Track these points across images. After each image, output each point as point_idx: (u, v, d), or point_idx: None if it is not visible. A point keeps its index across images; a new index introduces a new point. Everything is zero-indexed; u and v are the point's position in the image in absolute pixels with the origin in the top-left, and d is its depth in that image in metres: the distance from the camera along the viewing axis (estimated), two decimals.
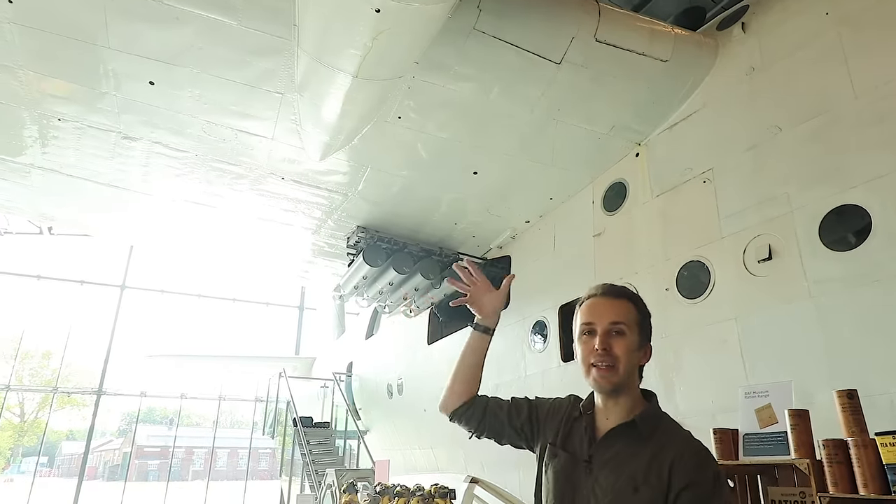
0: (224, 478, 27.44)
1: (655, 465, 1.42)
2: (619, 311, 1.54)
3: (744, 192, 4.24)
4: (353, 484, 5.19)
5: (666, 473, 1.40)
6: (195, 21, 4.09)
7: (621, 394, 1.53)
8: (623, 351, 1.50)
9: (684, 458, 1.41)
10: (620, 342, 1.51)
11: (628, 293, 1.60)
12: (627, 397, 1.53)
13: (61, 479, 30.46)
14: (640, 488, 1.40)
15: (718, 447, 2.54)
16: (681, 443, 1.46)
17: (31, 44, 4.29)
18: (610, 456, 1.49)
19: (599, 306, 1.56)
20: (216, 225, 7.25)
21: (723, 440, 2.54)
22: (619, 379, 1.50)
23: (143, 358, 16.09)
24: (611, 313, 1.54)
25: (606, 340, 1.51)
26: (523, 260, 6.82)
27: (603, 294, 1.58)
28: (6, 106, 4.95)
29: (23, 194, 6.58)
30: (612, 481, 1.44)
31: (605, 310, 1.55)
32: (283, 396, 11.87)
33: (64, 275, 16.30)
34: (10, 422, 28.42)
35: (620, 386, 1.51)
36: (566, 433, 1.62)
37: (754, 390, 2.53)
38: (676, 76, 4.77)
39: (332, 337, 15.52)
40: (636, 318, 1.55)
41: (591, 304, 1.58)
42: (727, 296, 4.19)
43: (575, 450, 1.56)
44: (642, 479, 1.41)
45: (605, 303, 1.56)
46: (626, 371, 1.50)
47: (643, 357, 1.56)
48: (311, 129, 5.06)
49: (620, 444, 1.49)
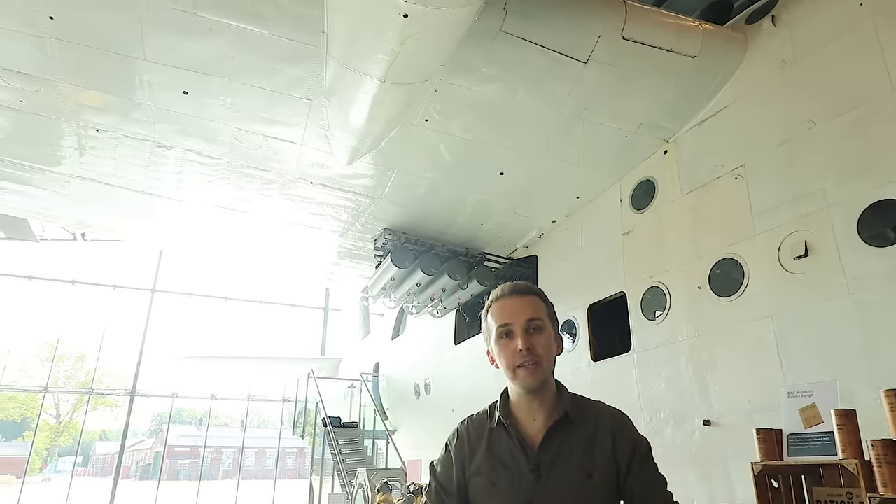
0: (252, 477, 27.88)
1: (598, 446, 1.46)
2: (536, 308, 1.52)
3: (777, 188, 4.18)
4: (386, 483, 5.24)
5: (610, 449, 1.46)
6: (228, 32, 4.18)
7: (545, 390, 1.51)
8: (544, 346, 1.49)
9: (617, 428, 1.50)
10: (541, 338, 1.49)
11: (534, 289, 1.58)
12: (548, 392, 1.52)
13: (96, 479, 31.25)
14: (593, 472, 1.43)
15: (762, 447, 2.52)
16: (607, 417, 1.53)
17: (71, 57, 4.43)
18: (554, 454, 1.46)
19: (513, 306, 1.53)
20: (245, 229, 7.38)
21: (766, 440, 2.52)
22: (545, 375, 1.49)
23: (174, 360, 16.43)
24: (526, 311, 1.51)
25: (528, 339, 1.48)
26: (550, 259, 6.81)
27: (512, 293, 1.55)
28: (47, 118, 5.12)
29: (62, 203, 6.78)
30: (565, 476, 1.44)
31: (519, 308, 1.52)
32: (311, 397, 12.02)
33: (97, 280, 16.73)
34: (46, 423, 29.24)
35: (545, 381, 1.50)
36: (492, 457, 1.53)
37: (797, 390, 2.51)
38: (705, 72, 4.72)
39: (357, 338, 15.65)
40: (547, 312, 1.54)
41: (502, 304, 1.54)
42: (762, 293, 4.14)
43: (510, 466, 1.49)
44: (591, 463, 1.44)
45: (517, 301, 1.53)
46: (549, 365, 1.50)
47: (558, 349, 1.54)
48: (340, 134, 5.13)
49: (559, 439, 1.48)
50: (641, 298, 5.14)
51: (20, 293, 16.13)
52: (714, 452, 4.29)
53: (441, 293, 7.29)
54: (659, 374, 4.88)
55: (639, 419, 4.90)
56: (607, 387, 5.40)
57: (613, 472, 1.44)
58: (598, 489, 1.42)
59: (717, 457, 4.28)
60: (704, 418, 4.38)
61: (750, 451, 2.86)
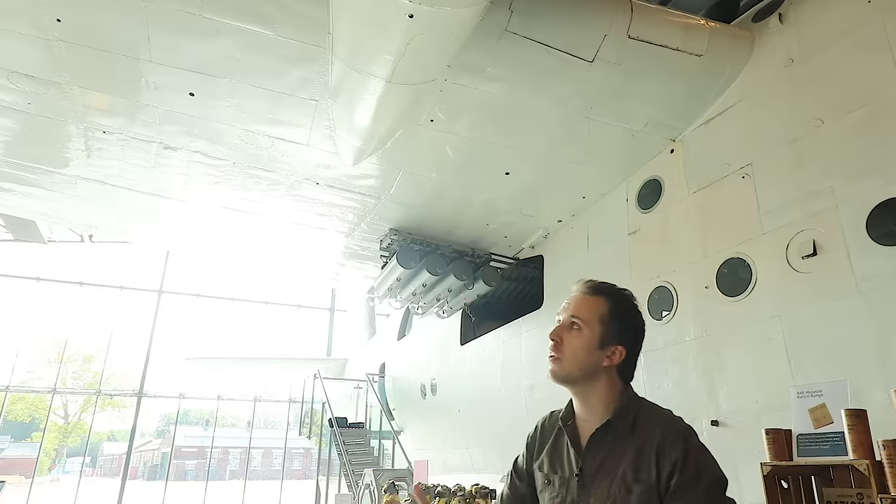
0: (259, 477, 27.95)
1: (643, 459, 1.38)
2: (583, 307, 1.51)
3: (785, 187, 4.15)
4: (393, 484, 5.25)
5: (654, 462, 1.36)
6: (233, 33, 4.19)
7: (588, 393, 1.50)
8: (572, 346, 1.48)
9: (665, 443, 1.37)
10: (573, 337, 1.48)
11: (609, 290, 1.54)
12: (597, 396, 1.49)
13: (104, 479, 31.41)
14: (633, 487, 1.37)
15: (771, 447, 2.51)
16: (659, 429, 1.41)
17: (78, 60, 4.45)
18: (599, 462, 1.44)
19: (572, 301, 1.55)
20: (251, 230, 7.40)
21: (776, 440, 2.50)
22: (564, 372, 1.48)
23: (181, 361, 16.50)
24: (573, 308, 1.52)
25: (559, 332, 1.50)
26: (556, 259, 6.80)
27: (579, 290, 1.56)
28: (54, 120, 5.14)
29: (69, 204, 6.82)
30: (606, 488, 1.40)
31: (572, 304, 1.53)
32: (317, 397, 12.04)
33: (104, 281, 16.82)
34: (55, 424, 29.44)
35: (569, 379, 1.49)
36: (553, 455, 1.57)
37: (807, 390, 2.49)
38: (712, 70, 4.70)
39: (363, 338, 15.67)
40: (603, 316, 1.49)
41: (569, 299, 1.57)
42: (770, 293, 4.11)
43: (564, 467, 1.51)
44: (633, 478, 1.37)
45: (577, 298, 1.54)
46: (573, 366, 1.48)
47: (607, 357, 1.48)
48: (345, 135, 5.13)
49: (605, 447, 1.45)
50: (648, 298, 5.12)
51: (28, 295, 16.25)
52: (722, 453, 4.23)
53: (447, 293, 7.29)
54: (666, 374, 4.86)
55: None
56: None
57: (654, 490, 1.34)
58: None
59: (726, 457, 4.23)
60: (712, 419, 4.36)
61: (759, 452, 2.84)
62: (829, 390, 2.43)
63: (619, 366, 1.50)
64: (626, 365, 1.51)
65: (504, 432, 7.33)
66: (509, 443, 7.96)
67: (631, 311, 1.54)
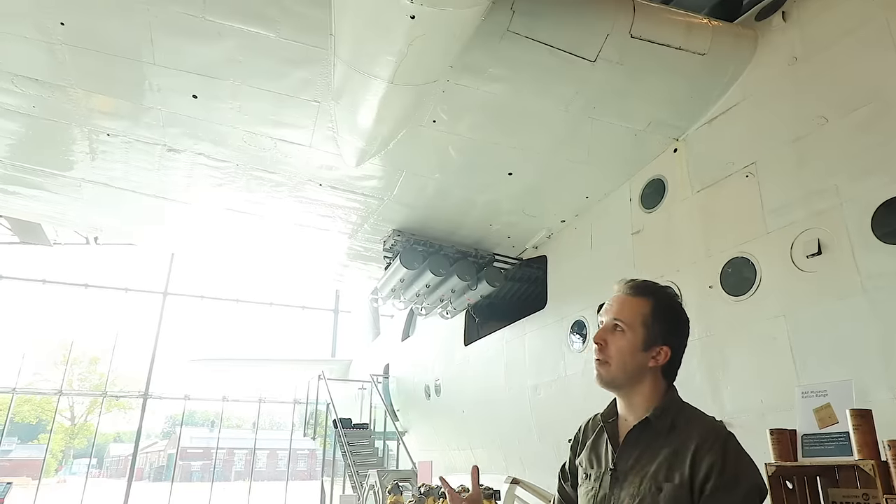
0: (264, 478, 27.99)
1: (678, 459, 1.37)
2: (626, 309, 1.50)
3: (789, 186, 4.13)
4: (397, 485, 5.24)
5: (688, 465, 1.35)
6: (235, 35, 4.20)
7: (632, 393, 1.50)
8: (617, 349, 1.48)
9: (702, 446, 1.35)
10: (617, 340, 1.48)
11: (652, 290, 1.53)
12: (640, 397, 1.49)
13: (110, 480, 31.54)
14: (664, 486, 1.36)
15: (776, 448, 2.49)
16: (698, 431, 1.40)
17: (82, 63, 4.47)
18: (634, 459, 1.45)
19: (613, 302, 1.55)
20: (255, 231, 7.42)
21: (780, 441, 2.49)
22: (611, 376, 1.48)
23: (185, 362, 16.54)
24: (616, 310, 1.52)
25: (603, 336, 1.50)
26: (560, 259, 6.79)
27: (621, 291, 1.55)
28: (59, 123, 5.17)
29: (74, 207, 6.85)
30: (637, 484, 1.41)
31: (615, 306, 1.53)
32: (322, 398, 12.06)
33: (110, 283, 16.90)
34: (61, 425, 29.57)
35: (616, 383, 1.49)
36: (592, 451, 1.60)
37: (812, 390, 2.47)
38: (715, 69, 4.68)
39: (367, 339, 15.68)
40: (646, 318, 1.48)
41: (611, 299, 1.57)
42: (775, 292, 4.09)
43: (601, 462, 1.54)
44: (665, 476, 1.37)
45: (619, 299, 1.54)
46: (619, 368, 1.48)
47: (654, 359, 1.48)
48: (348, 136, 5.14)
49: (641, 445, 1.46)
50: None
51: (34, 297, 16.34)
52: None
53: (450, 294, 7.28)
54: None
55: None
56: None
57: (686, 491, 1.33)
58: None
59: None
60: (717, 419, 4.33)
61: (764, 452, 2.82)
62: (834, 390, 2.41)
63: (664, 366, 1.50)
64: (671, 365, 1.51)
65: (508, 433, 7.32)
66: (513, 443, 7.98)
67: (674, 310, 1.53)
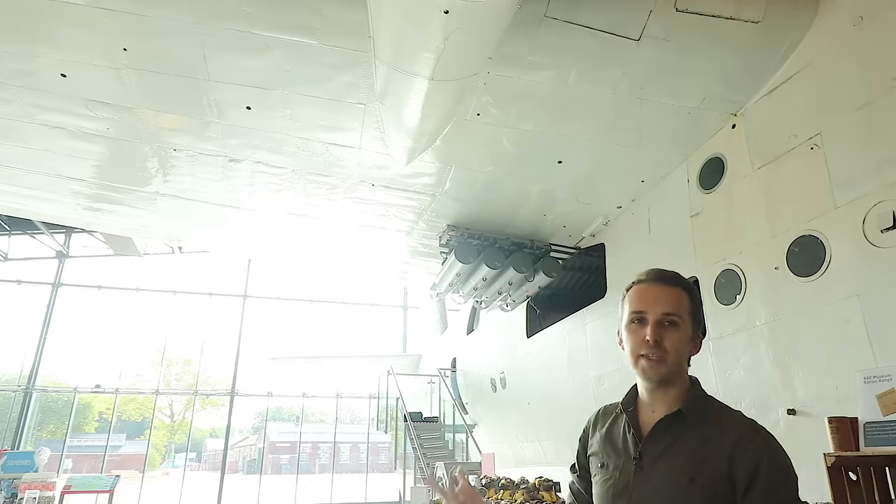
0: (348, 471, 28.94)
1: (711, 453, 1.34)
2: (672, 301, 1.44)
3: (859, 156, 3.82)
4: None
5: (725, 461, 1.32)
6: (281, 46, 4.38)
7: (670, 385, 1.45)
8: (674, 344, 1.42)
9: (741, 442, 1.33)
10: (673, 334, 1.42)
11: (682, 281, 1.50)
12: (676, 389, 1.45)
13: (208, 473, 33.66)
14: (697, 478, 1.32)
15: (835, 437, 2.33)
16: (734, 427, 1.37)
17: (145, 84, 4.80)
18: (661, 449, 1.41)
19: (651, 293, 1.46)
20: (318, 233, 7.70)
21: (840, 429, 2.32)
22: (668, 371, 1.43)
23: (266, 361, 17.42)
24: (664, 303, 1.44)
25: (658, 332, 1.42)
26: (618, 246, 6.60)
27: (654, 280, 1.48)
28: (131, 142, 5.59)
29: (153, 219, 7.38)
30: (666, 474, 1.37)
31: (658, 298, 1.45)
32: (391, 393, 12.35)
33: (195, 288, 18.08)
34: (162, 422, 31.95)
35: (668, 378, 1.44)
36: (606, 440, 1.55)
37: (874, 374, 2.29)
38: (771, 37, 4.39)
39: (435, 333, 15.88)
40: (689, 309, 1.45)
41: (641, 290, 1.49)
42: (846, 271, 3.80)
43: (620, 451, 1.49)
44: (697, 469, 1.33)
45: (657, 290, 1.46)
46: (675, 364, 1.43)
47: (694, 349, 1.47)
48: (395, 135, 5.22)
49: (670, 436, 1.42)
50: (715, 282, 4.87)
51: (130, 304, 17.75)
52: (800, 443, 3.98)
53: (508, 286, 7.25)
54: (737, 362, 4.61)
55: None
56: None
57: (726, 488, 1.31)
58: (700, 497, 1.32)
59: (805, 448, 3.94)
60: (788, 407, 4.09)
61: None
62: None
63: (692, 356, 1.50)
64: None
65: (574, 425, 7.18)
66: (579, 435, 7.78)
67: (700, 300, 1.54)
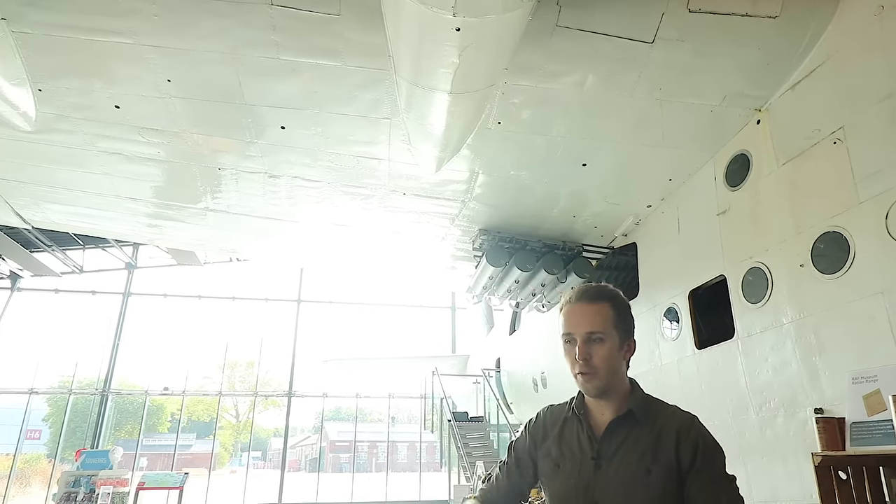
0: (405, 469, 29.45)
1: (662, 445, 1.50)
2: (595, 319, 1.55)
3: (882, 149, 3.73)
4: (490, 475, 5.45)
5: (673, 448, 1.49)
6: (308, 69, 4.67)
7: (611, 392, 1.58)
8: (602, 358, 1.54)
9: (683, 429, 1.53)
10: (600, 350, 1.54)
11: (605, 293, 1.61)
12: (617, 393, 1.59)
13: (273, 471, 35.02)
14: (652, 469, 1.47)
15: (821, 436, 2.35)
16: (676, 418, 1.57)
17: (189, 110, 5.21)
18: (616, 446, 1.54)
19: (576, 314, 1.58)
20: (359, 241, 8.00)
21: (826, 429, 2.34)
22: (603, 383, 1.55)
23: (321, 362, 18.06)
24: (586, 322, 1.55)
25: (586, 350, 1.54)
26: (650, 246, 6.56)
27: (578, 300, 1.60)
28: (180, 164, 6.04)
29: (206, 233, 7.89)
30: (624, 469, 1.50)
31: (582, 318, 1.57)
32: (437, 393, 12.59)
33: (252, 294, 18.99)
34: (229, 422, 33.58)
35: (605, 388, 1.56)
36: (560, 442, 1.66)
37: (862, 375, 2.30)
38: (791, 31, 4.32)
39: (481, 334, 16.02)
40: (613, 321, 1.56)
41: (568, 312, 1.61)
42: (871, 268, 3.72)
43: (575, 451, 1.60)
44: (652, 460, 1.48)
45: (581, 310, 1.58)
46: (608, 375, 1.55)
47: (626, 354, 1.59)
48: (421, 146, 5.43)
49: (622, 433, 1.55)
50: (742, 280, 4.82)
51: (193, 311, 18.84)
52: None
53: (541, 288, 7.33)
54: (765, 361, 4.56)
55: (748, 408, 4.64)
56: (714, 376, 5.13)
57: (675, 471, 1.48)
58: (656, 485, 1.47)
59: None
60: (816, 406, 4.03)
61: None
62: (885, 375, 2.23)
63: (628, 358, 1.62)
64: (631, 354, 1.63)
65: None
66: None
67: (627, 304, 1.64)
